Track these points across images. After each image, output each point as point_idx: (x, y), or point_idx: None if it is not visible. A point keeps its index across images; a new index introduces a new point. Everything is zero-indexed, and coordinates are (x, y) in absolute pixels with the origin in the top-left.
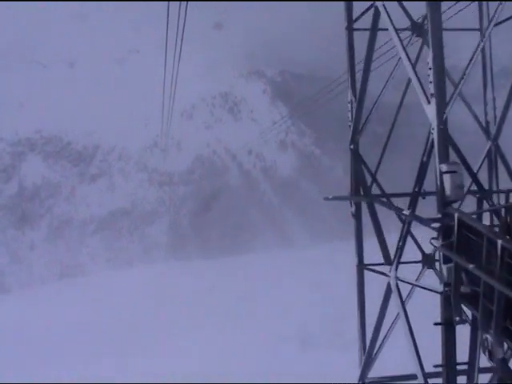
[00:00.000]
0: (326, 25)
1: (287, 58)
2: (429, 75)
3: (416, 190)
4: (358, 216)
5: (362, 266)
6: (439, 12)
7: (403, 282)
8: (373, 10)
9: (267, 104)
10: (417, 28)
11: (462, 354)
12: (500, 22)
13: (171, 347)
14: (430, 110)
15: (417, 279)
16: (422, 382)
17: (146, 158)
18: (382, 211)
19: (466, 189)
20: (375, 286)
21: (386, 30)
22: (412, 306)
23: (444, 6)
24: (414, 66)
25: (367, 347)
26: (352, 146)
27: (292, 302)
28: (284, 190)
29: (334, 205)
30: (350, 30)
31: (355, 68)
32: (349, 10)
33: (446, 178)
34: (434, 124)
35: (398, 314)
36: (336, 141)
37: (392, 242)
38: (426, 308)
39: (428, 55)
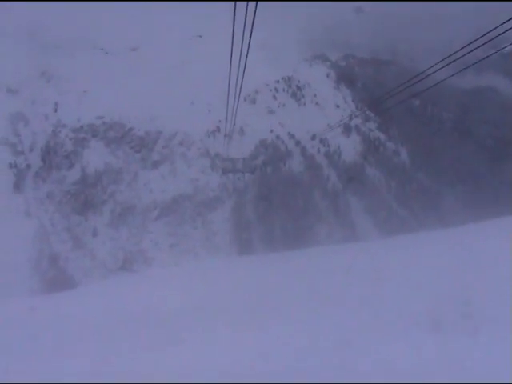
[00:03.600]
0: (388, 8)
1: (351, 43)
2: None
3: None
4: None
5: None
6: None
7: None
8: None
9: (331, 88)
10: None
11: None
12: None
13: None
14: None
15: None
16: None
17: (209, 144)
18: None
19: None
20: None
21: None
22: None
23: None
24: None
25: None
26: None
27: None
28: (348, 175)
29: (403, 193)
30: None
31: None
32: None
33: None
34: None
35: None
36: (400, 126)
37: None
38: None
39: None
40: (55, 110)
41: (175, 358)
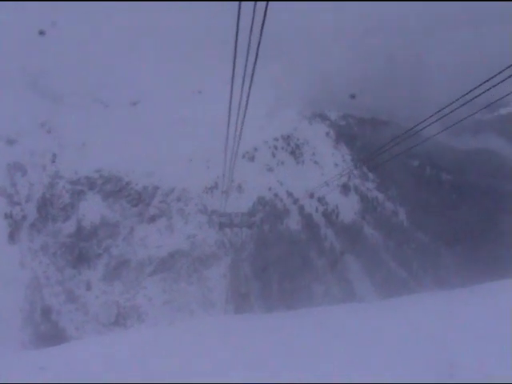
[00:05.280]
0: (387, 70)
1: (350, 102)
2: None
3: None
4: None
5: None
6: None
7: None
8: None
9: (330, 147)
10: None
11: None
12: None
13: None
14: None
15: None
16: None
17: (206, 200)
18: None
19: None
20: None
21: None
22: None
23: None
24: None
25: None
26: None
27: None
28: (346, 234)
29: (401, 252)
30: None
31: None
32: None
33: None
34: None
35: None
36: (399, 186)
37: None
38: None
39: None
40: (53, 162)
41: None
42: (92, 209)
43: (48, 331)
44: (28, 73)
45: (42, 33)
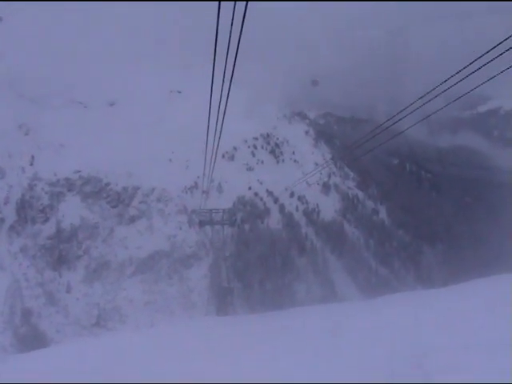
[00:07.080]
0: (367, 68)
1: (330, 101)
2: None
3: None
4: None
5: None
6: None
7: None
8: None
9: (310, 146)
10: None
11: None
12: None
13: None
14: None
15: None
16: None
17: (186, 200)
18: None
19: None
20: None
21: None
22: None
23: None
24: None
25: None
26: None
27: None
28: (327, 233)
29: (382, 251)
30: None
31: None
32: None
33: None
34: None
35: None
36: (379, 184)
37: None
38: None
39: None
40: (31, 164)
41: None
42: (71, 210)
43: (28, 334)
44: (6, 74)
45: None
